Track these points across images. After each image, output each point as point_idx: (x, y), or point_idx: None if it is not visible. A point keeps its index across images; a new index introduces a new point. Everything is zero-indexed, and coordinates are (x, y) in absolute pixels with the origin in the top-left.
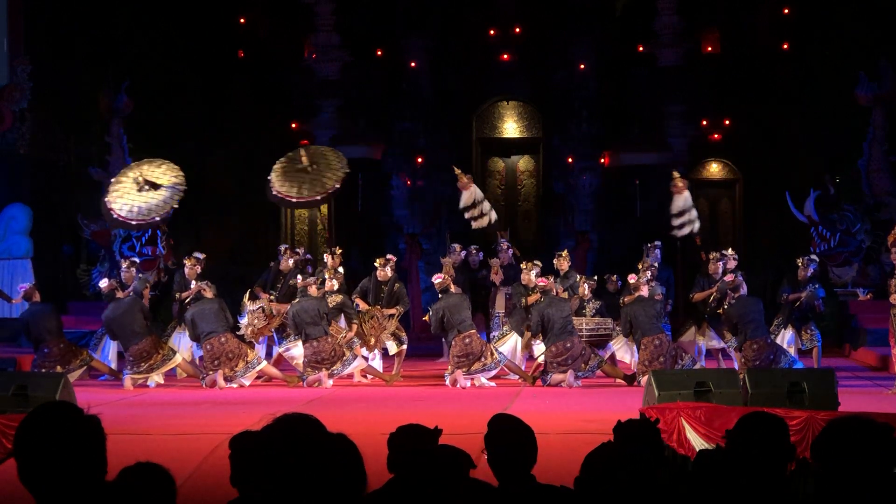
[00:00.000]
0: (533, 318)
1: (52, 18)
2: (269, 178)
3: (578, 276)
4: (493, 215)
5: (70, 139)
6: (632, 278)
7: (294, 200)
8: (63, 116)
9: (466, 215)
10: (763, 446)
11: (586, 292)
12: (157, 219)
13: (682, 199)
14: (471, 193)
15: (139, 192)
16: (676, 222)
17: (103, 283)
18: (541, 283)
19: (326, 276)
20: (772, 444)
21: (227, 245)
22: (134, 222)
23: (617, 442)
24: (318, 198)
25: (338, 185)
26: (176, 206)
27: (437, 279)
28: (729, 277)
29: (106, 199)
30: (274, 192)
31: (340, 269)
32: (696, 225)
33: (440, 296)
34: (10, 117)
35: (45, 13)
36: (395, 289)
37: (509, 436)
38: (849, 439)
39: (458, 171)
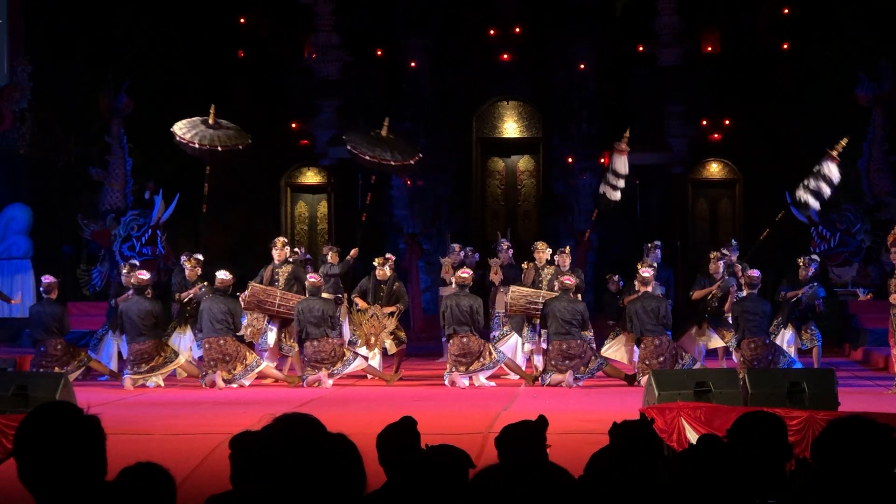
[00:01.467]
0: (542, 312)
1: (52, 19)
2: (351, 148)
3: (580, 272)
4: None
5: (70, 139)
6: (645, 272)
7: (393, 164)
8: (63, 116)
9: (614, 181)
10: (761, 445)
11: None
12: (220, 149)
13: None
14: (624, 161)
15: (209, 127)
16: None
17: (144, 276)
18: (567, 281)
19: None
20: (770, 442)
21: (227, 245)
22: (197, 146)
23: (613, 443)
24: (412, 161)
25: (419, 157)
26: (241, 146)
27: (466, 272)
28: (755, 272)
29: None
30: (367, 157)
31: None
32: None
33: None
34: (10, 117)
35: (45, 13)
36: (394, 288)
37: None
38: (849, 439)
39: (626, 137)
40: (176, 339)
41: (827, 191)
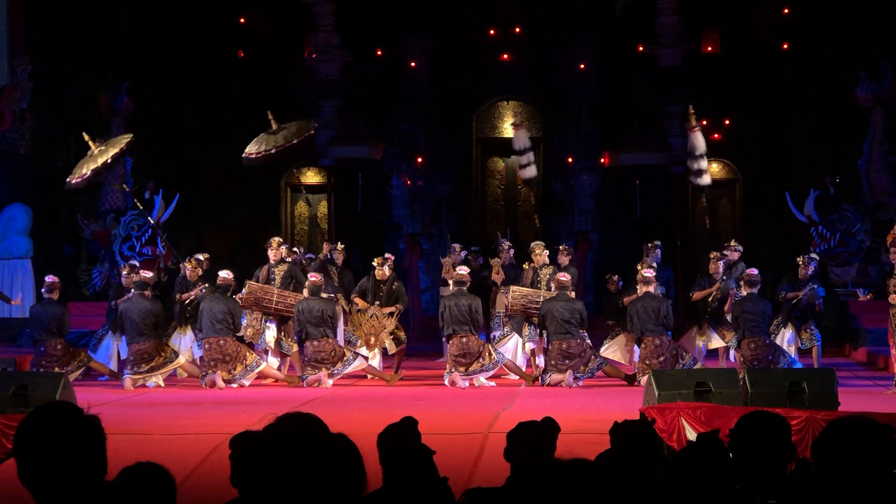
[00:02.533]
0: (540, 312)
1: (52, 19)
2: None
3: (575, 270)
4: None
5: (70, 139)
6: (647, 272)
7: (253, 156)
8: (63, 116)
9: (522, 160)
10: (764, 445)
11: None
12: (109, 160)
13: (699, 140)
14: (522, 135)
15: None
16: (695, 166)
17: (148, 274)
18: (561, 278)
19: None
20: (773, 443)
21: (227, 245)
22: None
23: (614, 443)
24: (273, 151)
25: (293, 141)
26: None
27: (463, 270)
28: (753, 271)
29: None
30: (252, 157)
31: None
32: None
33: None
34: (10, 117)
35: (45, 14)
36: (393, 287)
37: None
38: (849, 440)
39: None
40: (176, 340)
41: (703, 163)
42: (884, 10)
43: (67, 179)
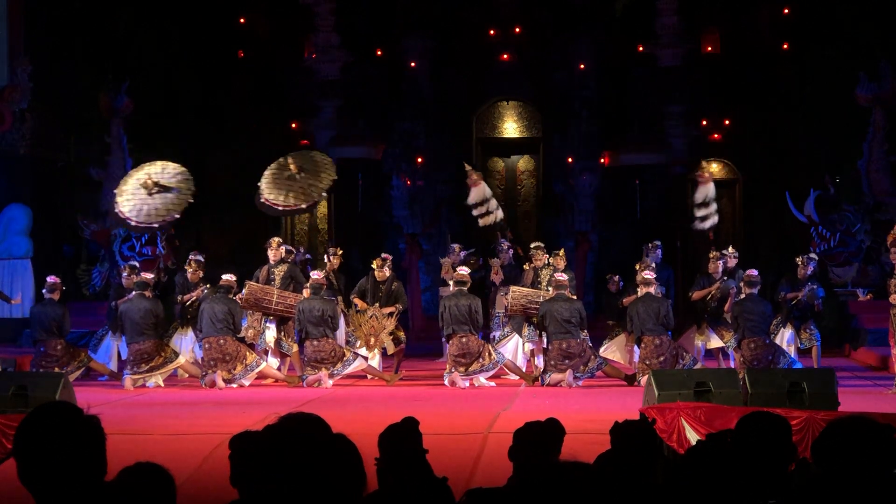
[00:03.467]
0: (539, 313)
1: (52, 19)
2: (258, 185)
3: (572, 273)
4: (500, 214)
5: (70, 140)
6: (648, 273)
7: (280, 208)
8: (63, 117)
9: (474, 212)
10: (765, 446)
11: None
12: (163, 220)
13: (709, 190)
14: (480, 191)
15: (149, 195)
16: (700, 213)
17: (149, 275)
18: (560, 277)
19: (329, 258)
20: (774, 443)
21: (227, 245)
22: (133, 223)
23: (614, 443)
24: (304, 206)
25: (324, 195)
26: (177, 215)
27: (463, 270)
28: (753, 271)
29: (115, 204)
30: (262, 200)
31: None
32: (714, 219)
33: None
34: (10, 118)
35: (45, 14)
36: (393, 288)
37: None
38: (850, 440)
39: (468, 168)
40: (177, 340)
41: (713, 209)
42: (884, 9)
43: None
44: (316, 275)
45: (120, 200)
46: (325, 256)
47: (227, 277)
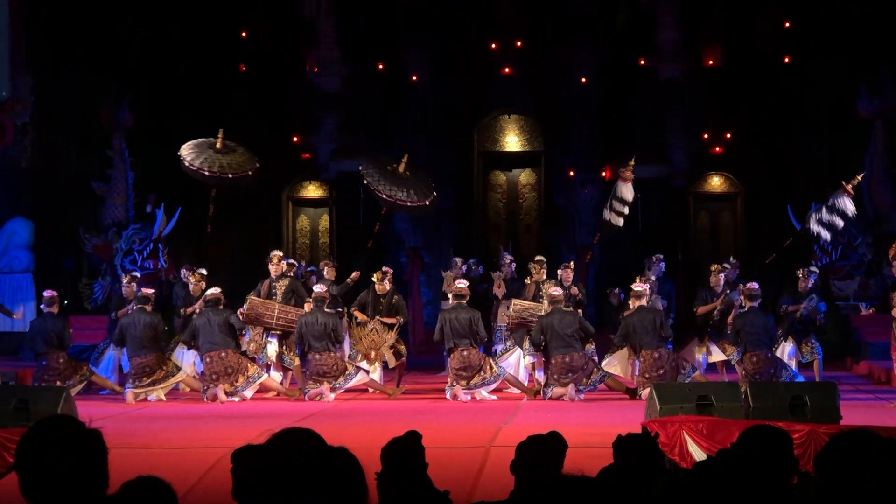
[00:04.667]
0: (535, 328)
1: (53, 33)
2: (368, 182)
3: (582, 286)
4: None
5: (72, 153)
6: (638, 286)
7: (409, 204)
8: (65, 130)
9: (625, 209)
10: (767, 459)
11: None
12: (230, 176)
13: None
14: (631, 189)
15: (216, 151)
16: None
17: (150, 291)
18: (554, 292)
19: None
20: (776, 456)
21: (228, 258)
22: (215, 175)
23: (617, 456)
24: (427, 203)
25: (434, 197)
26: (250, 171)
27: (462, 283)
28: (754, 285)
29: (183, 161)
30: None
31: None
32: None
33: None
34: (12, 131)
35: (46, 27)
36: (393, 301)
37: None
38: (852, 453)
39: (631, 165)
40: (179, 354)
41: (840, 223)
42: (885, 23)
43: (188, 161)
44: (319, 288)
45: (188, 157)
46: (324, 270)
47: (213, 291)
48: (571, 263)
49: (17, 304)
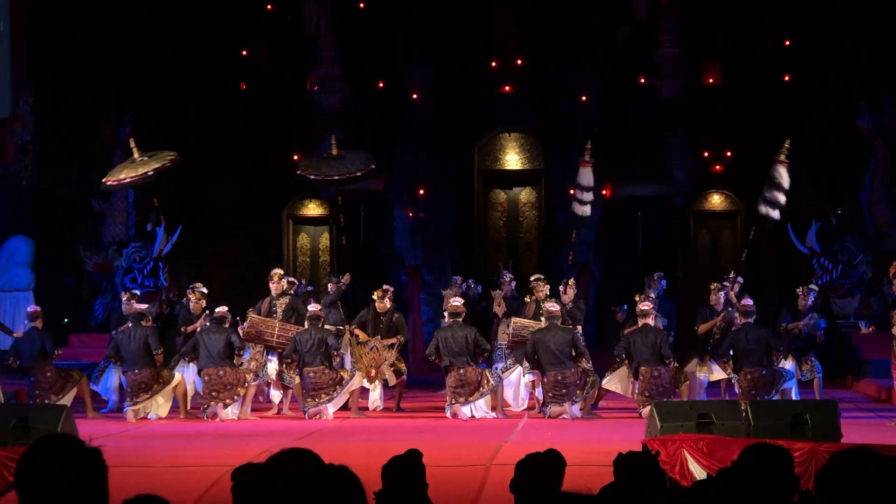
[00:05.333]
0: (528, 343)
1: (54, 51)
2: (315, 177)
3: (583, 303)
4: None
5: (72, 171)
6: (645, 304)
7: (359, 174)
8: (66, 148)
9: (585, 196)
10: (768, 477)
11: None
12: (151, 173)
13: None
14: (589, 173)
15: (132, 162)
16: (781, 199)
17: (144, 306)
18: (551, 308)
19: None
20: (776, 475)
21: (228, 276)
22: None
23: (618, 474)
24: (359, 173)
25: (372, 167)
26: (169, 163)
27: (457, 301)
28: (748, 301)
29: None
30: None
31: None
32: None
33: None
34: (12, 149)
35: (47, 46)
36: (393, 319)
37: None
38: (854, 472)
39: (587, 147)
40: (181, 370)
41: (782, 198)
42: (884, 41)
43: (103, 179)
44: (313, 307)
45: (111, 177)
46: (336, 284)
47: (221, 309)
48: (572, 280)
49: (18, 323)
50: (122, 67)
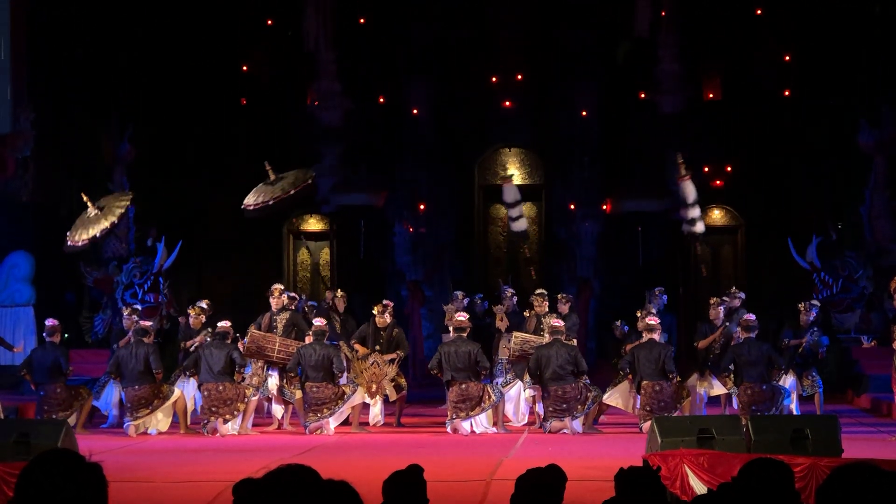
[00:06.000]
0: (532, 358)
1: (55, 67)
2: (243, 206)
3: (576, 317)
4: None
5: (73, 186)
6: (651, 319)
7: (251, 208)
8: (66, 164)
9: (512, 213)
10: (768, 492)
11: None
12: (293, 192)
13: (690, 188)
14: (512, 190)
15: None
16: (690, 215)
17: (147, 323)
18: (555, 323)
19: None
20: (777, 490)
21: (229, 291)
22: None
23: (619, 490)
24: (293, 191)
25: (291, 192)
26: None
27: (462, 316)
28: (750, 316)
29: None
30: (251, 208)
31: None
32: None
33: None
34: (13, 165)
35: (48, 62)
36: (394, 334)
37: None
38: (854, 487)
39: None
40: (181, 385)
41: (695, 212)
42: (885, 57)
43: (67, 241)
44: (318, 321)
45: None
46: (332, 301)
47: (224, 324)
48: (567, 296)
49: (18, 338)
50: (122, 83)
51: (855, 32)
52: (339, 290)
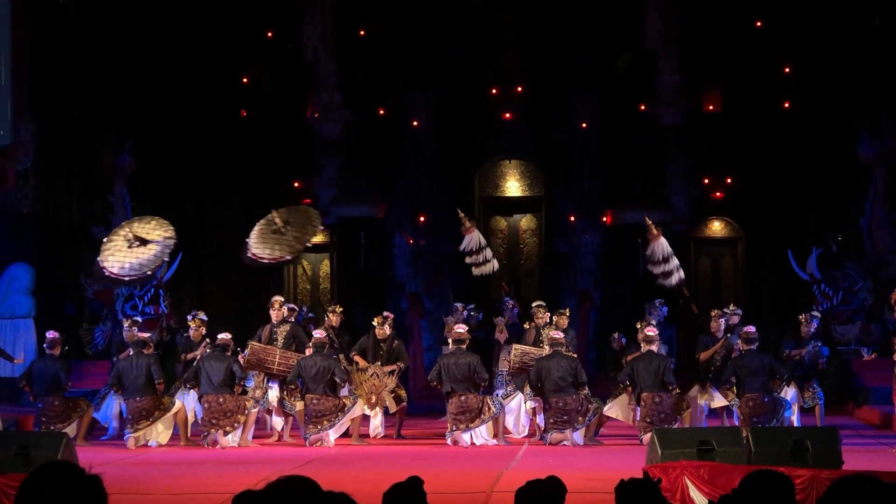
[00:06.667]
0: (532, 370)
1: (55, 79)
2: (246, 240)
3: (574, 332)
4: (496, 264)
5: (73, 198)
6: (650, 331)
7: (266, 261)
8: (66, 176)
9: (468, 260)
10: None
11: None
12: (149, 273)
13: (660, 246)
14: (474, 238)
15: (129, 248)
16: (658, 270)
17: (146, 335)
18: (555, 335)
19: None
20: (777, 502)
21: (229, 303)
22: (126, 278)
23: (619, 502)
24: (288, 257)
25: (307, 244)
26: (167, 258)
27: (461, 328)
28: (751, 328)
29: (98, 259)
30: (249, 255)
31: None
32: (680, 274)
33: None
34: (13, 177)
35: (48, 73)
36: (393, 346)
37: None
38: (855, 498)
39: (462, 216)
40: (181, 397)
41: (668, 266)
42: (884, 68)
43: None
44: (318, 333)
45: (103, 257)
46: (325, 315)
47: (224, 336)
48: (567, 311)
49: (19, 350)
50: (122, 95)
51: (855, 44)
52: (336, 306)
